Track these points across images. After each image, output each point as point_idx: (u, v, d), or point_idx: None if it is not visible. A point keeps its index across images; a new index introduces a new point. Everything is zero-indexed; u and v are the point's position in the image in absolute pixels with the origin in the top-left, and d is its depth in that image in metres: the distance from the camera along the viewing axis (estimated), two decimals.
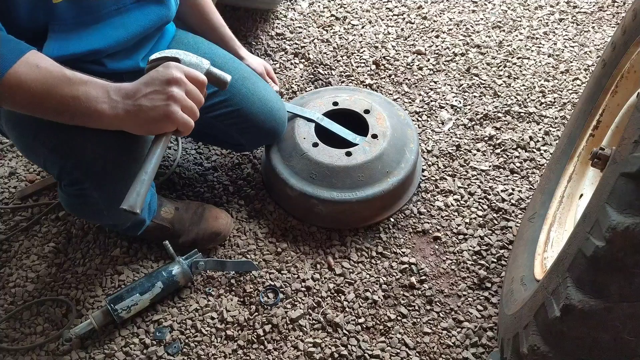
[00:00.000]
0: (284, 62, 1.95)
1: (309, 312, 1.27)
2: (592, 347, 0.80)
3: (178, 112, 0.91)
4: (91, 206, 1.11)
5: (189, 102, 0.93)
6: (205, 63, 1.02)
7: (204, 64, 1.02)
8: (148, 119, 0.90)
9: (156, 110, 0.89)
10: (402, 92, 1.82)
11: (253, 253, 1.38)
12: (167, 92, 0.90)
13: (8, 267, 1.38)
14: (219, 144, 1.57)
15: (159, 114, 0.90)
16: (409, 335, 1.23)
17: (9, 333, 1.25)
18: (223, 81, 1.06)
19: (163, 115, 0.90)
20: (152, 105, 0.89)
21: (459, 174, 1.56)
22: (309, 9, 2.18)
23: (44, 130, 0.98)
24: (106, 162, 1.01)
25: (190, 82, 0.93)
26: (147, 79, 0.91)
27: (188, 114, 0.93)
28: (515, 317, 1.00)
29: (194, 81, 0.95)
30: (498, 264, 1.35)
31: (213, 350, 1.21)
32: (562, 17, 2.12)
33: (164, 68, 0.92)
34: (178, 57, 1.00)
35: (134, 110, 0.89)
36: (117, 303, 1.20)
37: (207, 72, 1.02)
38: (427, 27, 2.08)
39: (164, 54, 1.00)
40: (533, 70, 1.89)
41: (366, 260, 1.37)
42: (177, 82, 0.91)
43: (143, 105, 0.89)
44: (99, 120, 0.89)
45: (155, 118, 0.90)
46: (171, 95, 0.90)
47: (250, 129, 1.36)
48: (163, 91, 0.90)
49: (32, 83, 0.84)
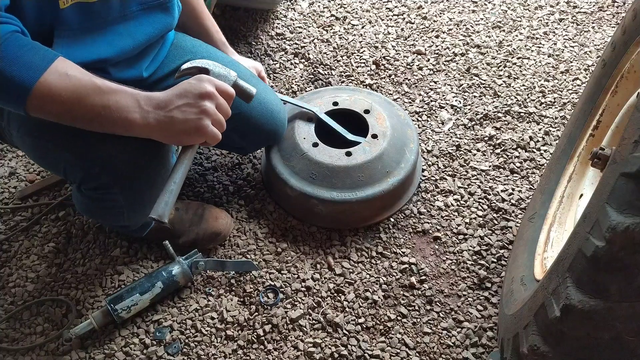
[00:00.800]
0: (284, 62, 1.95)
1: (309, 312, 1.27)
2: (592, 347, 0.80)
3: (209, 126, 0.93)
4: (111, 209, 1.12)
5: (219, 116, 0.95)
6: (232, 75, 1.04)
7: (232, 76, 1.04)
8: (179, 131, 0.91)
9: (188, 124, 0.91)
10: (402, 92, 1.82)
11: (253, 253, 1.38)
12: (199, 106, 0.91)
13: (8, 267, 1.38)
14: (220, 146, 1.56)
15: (190, 127, 0.91)
16: (409, 335, 1.23)
17: (9, 333, 1.25)
18: (249, 94, 1.08)
19: (195, 128, 0.91)
20: (184, 118, 0.90)
21: (459, 174, 1.56)
22: (309, 9, 2.18)
23: (67, 136, 0.98)
24: (135, 167, 1.02)
25: (220, 97, 0.95)
26: (180, 90, 0.92)
27: (217, 127, 0.95)
28: (515, 317, 1.00)
29: (224, 94, 0.96)
30: (498, 264, 1.35)
31: (213, 350, 1.21)
32: (562, 17, 2.12)
33: (197, 81, 0.94)
34: (208, 68, 1.02)
35: (165, 122, 0.90)
36: (117, 303, 1.20)
37: (234, 84, 1.04)
38: (427, 27, 2.08)
39: (195, 64, 1.03)
40: (533, 70, 1.89)
41: (366, 260, 1.37)
42: (209, 96, 0.93)
43: (175, 117, 0.90)
44: (130, 129, 0.90)
45: (186, 131, 0.92)
46: (204, 110, 0.92)
47: (251, 131, 1.36)
48: (196, 104, 0.91)
49: (63, 92, 0.84)
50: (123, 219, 1.17)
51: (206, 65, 1.03)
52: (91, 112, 0.87)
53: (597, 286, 0.74)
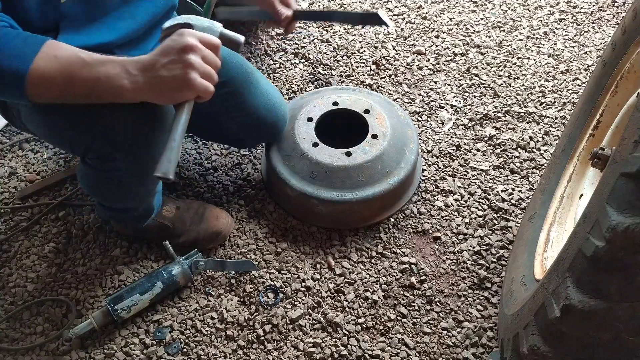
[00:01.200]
0: (284, 62, 1.95)
1: (309, 312, 1.27)
2: (592, 347, 0.80)
3: (197, 78, 0.91)
4: (115, 182, 1.13)
5: (207, 68, 0.94)
6: (217, 26, 1.02)
7: (217, 27, 1.02)
8: (169, 89, 0.91)
9: (175, 80, 0.90)
10: (402, 92, 1.82)
11: (253, 253, 1.38)
12: (184, 60, 0.90)
13: (8, 267, 1.38)
14: (219, 139, 1.57)
15: (178, 83, 0.91)
16: (409, 335, 1.23)
17: (9, 333, 1.25)
18: (236, 42, 1.05)
19: (183, 83, 0.91)
20: (171, 75, 0.90)
21: (459, 174, 1.56)
22: (309, 9, 2.18)
23: (69, 110, 0.99)
24: (135, 134, 1.03)
25: (205, 47, 0.94)
26: (163, 49, 0.92)
27: (207, 79, 0.94)
28: (515, 317, 1.00)
29: (209, 45, 0.95)
30: (498, 264, 1.35)
31: (213, 350, 1.21)
32: (562, 17, 2.12)
33: (178, 36, 0.93)
34: (191, 23, 1.00)
35: (154, 82, 0.90)
36: (117, 303, 1.20)
37: (220, 35, 1.02)
38: (427, 27, 2.08)
39: (177, 20, 1.00)
40: (533, 70, 1.89)
41: (366, 260, 1.37)
42: (192, 49, 0.91)
43: (162, 75, 0.90)
44: (122, 96, 0.91)
45: (175, 87, 0.91)
46: (189, 64, 0.90)
47: (252, 123, 1.36)
48: (180, 60, 0.90)
49: (55, 74, 0.86)
50: (126, 194, 1.18)
51: (188, 21, 1.01)
52: (85, 87, 0.89)
53: (597, 286, 0.74)
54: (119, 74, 0.89)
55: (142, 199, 1.24)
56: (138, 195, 1.22)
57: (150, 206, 1.27)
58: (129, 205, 1.25)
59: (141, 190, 1.20)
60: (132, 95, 0.91)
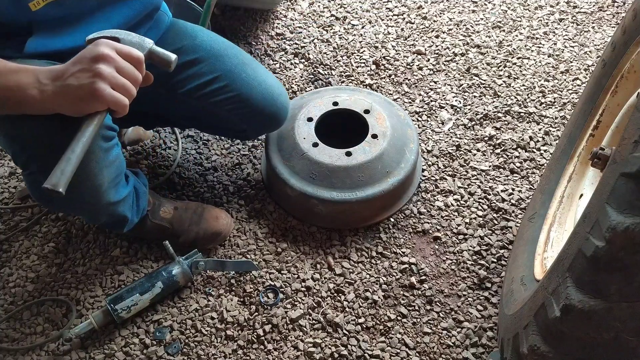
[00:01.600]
0: (284, 62, 1.95)
1: (309, 312, 1.27)
2: (592, 347, 0.80)
3: (106, 89, 0.88)
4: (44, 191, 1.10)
5: (120, 80, 0.90)
6: (147, 42, 0.99)
7: (146, 43, 0.99)
8: (75, 98, 0.88)
9: (82, 89, 0.87)
10: (402, 92, 1.82)
11: (253, 253, 1.38)
12: (93, 69, 0.87)
13: (8, 267, 1.38)
14: (222, 132, 1.55)
15: (85, 92, 0.87)
16: (409, 335, 1.23)
17: (9, 333, 1.25)
18: (167, 61, 1.01)
19: (89, 93, 0.87)
20: (78, 84, 0.87)
21: (459, 174, 1.56)
22: (309, 9, 2.18)
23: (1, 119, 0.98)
24: (47, 145, 0.99)
25: (122, 59, 0.91)
26: (76, 57, 0.89)
27: (120, 92, 0.90)
28: (515, 317, 1.00)
29: (127, 57, 0.92)
30: (498, 264, 1.35)
31: (213, 350, 1.21)
32: (562, 17, 2.12)
33: (93, 45, 0.90)
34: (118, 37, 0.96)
35: (61, 91, 0.87)
36: (117, 303, 1.20)
37: (150, 52, 0.99)
38: (427, 27, 2.08)
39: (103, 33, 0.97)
40: (533, 70, 1.89)
41: (366, 260, 1.37)
42: (104, 58, 0.88)
43: (70, 84, 0.87)
44: (32, 106, 0.88)
45: (82, 97, 0.88)
46: (97, 73, 0.87)
47: (251, 114, 1.34)
48: (89, 69, 0.87)
49: None
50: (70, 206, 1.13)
51: (115, 34, 0.97)
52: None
53: (597, 286, 0.74)
54: (29, 83, 0.87)
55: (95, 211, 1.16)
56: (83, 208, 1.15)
57: (116, 215, 1.18)
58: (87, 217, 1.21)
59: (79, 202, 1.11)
60: (41, 105, 0.89)
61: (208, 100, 1.29)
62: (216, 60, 1.28)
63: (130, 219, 1.23)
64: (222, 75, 1.28)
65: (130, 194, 1.20)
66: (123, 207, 1.18)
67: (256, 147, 1.66)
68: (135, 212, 1.24)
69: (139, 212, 1.27)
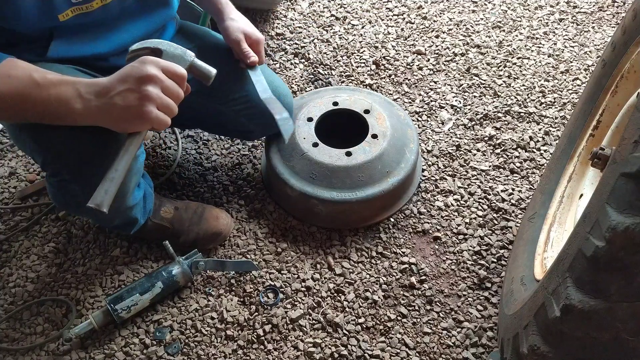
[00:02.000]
0: (284, 62, 1.95)
1: (309, 312, 1.27)
2: (592, 347, 0.80)
3: (153, 111, 0.88)
4: (73, 197, 1.10)
5: (166, 100, 0.90)
6: (189, 55, 0.98)
7: (188, 57, 0.98)
8: (121, 118, 0.88)
9: (129, 110, 0.87)
10: (402, 92, 1.82)
11: (253, 253, 1.38)
12: (141, 91, 0.87)
13: (8, 267, 1.38)
14: (228, 132, 1.56)
15: (132, 114, 0.88)
16: (409, 335, 1.23)
17: (9, 333, 1.25)
18: (207, 75, 1.02)
19: (136, 115, 0.88)
20: (125, 105, 0.87)
21: (459, 174, 1.56)
22: (309, 9, 2.18)
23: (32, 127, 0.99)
24: (80, 156, 1.00)
25: (168, 78, 0.91)
26: (122, 75, 0.89)
27: (164, 112, 0.90)
28: (515, 317, 1.00)
29: (172, 76, 0.91)
30: (498, 264, 1.35)
31: (213, 350, 1.21)
32: (562, 17, 2.12)
33: (139, 64, 0.89)
34: (161, 48, 0.96)
35: (106, 109, 0.87)
36: (117, 303, 1.20)
37: (191, 65, 0.99)
38: (427, 27, 2.08)
39: (146, 44, 0.96)
40: (533, 70, 1.89)
41: (366, 260, 1.37)
42: (152, 79, 0.88)
43: (116, 103, 0.87)
44: (74, 119, 0.89)
45: (128, 117, 0.88)
46: (145, 95, 0.87)
47: (258, 114, 1.35)
48: (137, 89, 0.87)
49: (6, 94, 0.85)
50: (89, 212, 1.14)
51: (159, 45, 0.96)
52: (36, 108, 0.87)
53: (597, 286, 0.74)
54: (71, 97, 0.87)
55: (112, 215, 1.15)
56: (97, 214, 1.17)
57: (129, 217, 1.21)
58: (102, 221, 1.22)
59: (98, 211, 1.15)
60: (83, 119, 0.88)
61: (216, 101, 1.29)
62: (224, 63, 1.29)
63: (139, 220, 1.26)
64: (230, 77, 1.28)
65: (141, 196, 1.23)
66: (136, 210, 1.21)
67: (256, 147, 1.66)
68: (143, 214, 1.26)
69: (146, 214, 1.28)
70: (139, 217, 1.24)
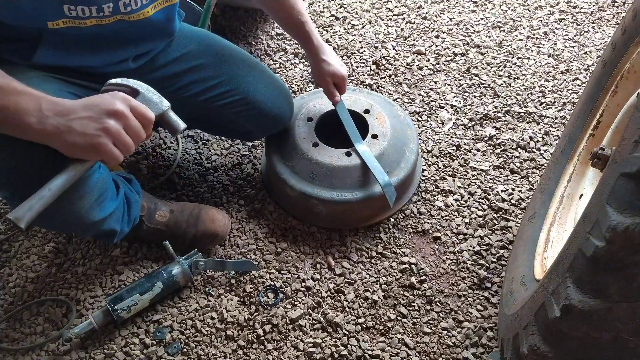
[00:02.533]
0: (284, 62, 1.95)
1: (309, 312, 1.27)
2: (592, 347, 0.80)
3: (107, 145, 0.87)
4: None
5: (125, 138, 0.89)
6: (165, 105, 0.98)
7: (163, 106, 0.98)
8: (73, 143, 0.86)
9: (84, 138, 0.86)
10: (402, 92, 1.82)
11: (253, 253, 1.38)
12: (102, 122, 0.86)
13: (8, 267, 1.38)
14: (228, 133, 1.56)
15: (86, 142, 0.86)
16: (409, 335, 1.23)
17: (9, 333, 1.25)
18: (176, 128, 1.01)
19: (90, 144, 0.86)
20: (81, 131, 0.85)
21: (459, 174, 1.56)
22: (309, 9, 2.18)
23: None
24: (20, 174, 0.96)
25: (134, 117, 0.90)
26: (88, 102, 0.88)
27: (120, 149, 0.89)
28: (515, 317, 1.00)
29: (139, 117, 0.91)
30: (498, 264, 1.35)
31: (213, 350, 1.21)
32: (562, 17, 2.12)
33: (110, 97, 0.89)
34: (139, 90, 0.96)
35: (62, 130, 0.85)
36: (117, 303, 1.20)
37: (163, 114, 0.98)
38: (427, 27, 2.08)
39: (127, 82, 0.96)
40: (533, 70, 1.89)
41: (366, 260, 1.37)
42: (117, 114, 0.87)
43: (73, 127, 0.85)
44: (25, 132, 0.86)
45: (81, 145, 0.86)
46: (105, 127, 0.86)
47: (258, 116, 1.35)
48: (99, 120, 0.86)
49: None
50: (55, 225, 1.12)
51: (138, 88, 0.96)
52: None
53: (597, 286, 0.74)
54: (29, 109, 0.84)
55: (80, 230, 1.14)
56: (68, 227, 1.13)
57: (102, 230, 1.15)
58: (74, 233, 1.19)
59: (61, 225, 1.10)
60: (34, 135, 0.86)
61: (214, 103, 1.30)
62: (222, 65, 1.30)
63: (120, 230, 1.21)
64: (228, 79, 1.29)
65: (119, 207, 1.18)
66: (110, 222, 1.15)
67: (256, 147, 1.66)
68: (126, 223, 1.22)
69: (130, 222, 1.24)
70: (116, 227, 1.18)
